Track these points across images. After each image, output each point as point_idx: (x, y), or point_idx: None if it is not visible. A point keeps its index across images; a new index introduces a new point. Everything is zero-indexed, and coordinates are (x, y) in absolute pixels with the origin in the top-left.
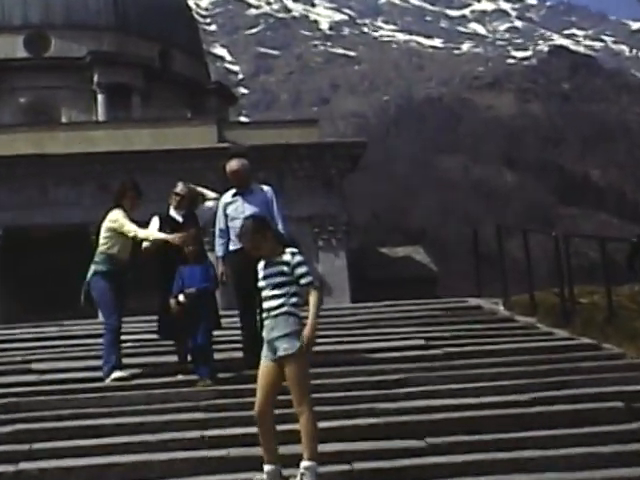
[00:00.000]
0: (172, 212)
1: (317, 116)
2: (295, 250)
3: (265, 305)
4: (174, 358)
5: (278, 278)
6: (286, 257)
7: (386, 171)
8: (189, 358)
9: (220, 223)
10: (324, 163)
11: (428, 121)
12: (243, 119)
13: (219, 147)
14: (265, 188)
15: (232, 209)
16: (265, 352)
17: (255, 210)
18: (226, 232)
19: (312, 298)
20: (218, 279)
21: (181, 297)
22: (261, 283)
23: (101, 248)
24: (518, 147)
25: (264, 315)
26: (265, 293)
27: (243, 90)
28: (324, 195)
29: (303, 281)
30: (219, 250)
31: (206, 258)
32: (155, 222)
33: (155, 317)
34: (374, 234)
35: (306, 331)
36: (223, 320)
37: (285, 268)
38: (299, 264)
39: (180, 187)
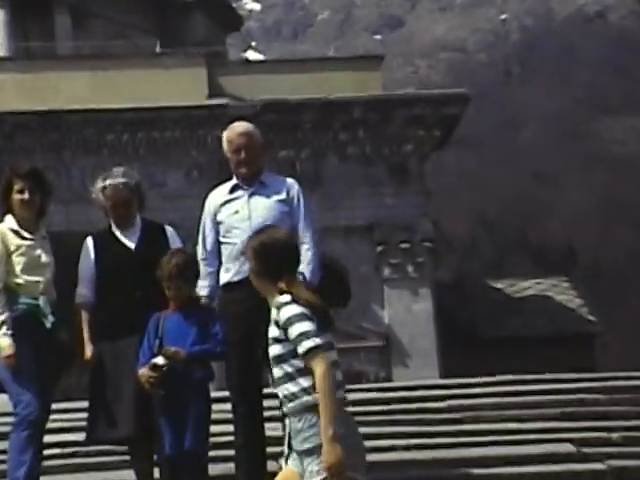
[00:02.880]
0: (114, 228)
1: (381, 49)
2: (284, 300)
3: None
4: (129, 476)
5: (273, 348)
6: (273, 313)
7: (500, 147)
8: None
9: (206, 237)
10: (393, 133)
11: (579, 56)
12: (252, 55)
13: (209, 105)
14: (288, 181)
15: (229, 213)
16: (292, 459)
17: (269, 216)
18: (216, 253)
19: (318, 381)
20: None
21: (160, 360)
22: (270, 351)
23: None
24: None
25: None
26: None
27: (252, 4)
28: (393, 190)
29: (300, 350)
30: (203, 286)
31: (202, 301)
32: (86, 260)
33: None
34: (480, 256)
35: (324, 457)
36: (214, 407)
37: (277, 332)
38: (289, 322)
39: (118, 175)
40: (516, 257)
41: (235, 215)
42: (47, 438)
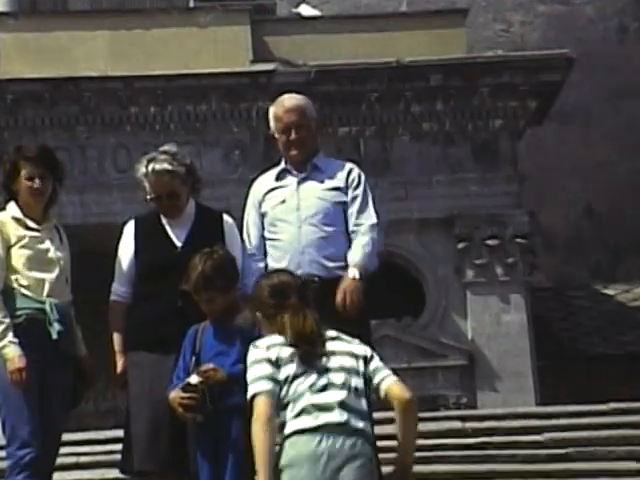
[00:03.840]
0: (163, 219)
1: (465, 2)
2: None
3: (313, 420)
4: None
5: (343, 363)
6: (346, 337)
7: (612, 121)
8: None
9: (249, 232)
10: (479, 105)
11: None
12: (306, 11)
13: (254, 71)
14: (347, 165)
15: (274, 203)
16: None
17: (321, 207)
18: (262, 250)
19: (399, 413)
20: None
21: (194, 378)
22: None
23: None
24: None
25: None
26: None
27: None
28: (479, 174)
29: (377, 378)
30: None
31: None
32: (126, 250)
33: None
34: (587, 256)
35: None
36: None
37: (353, 348)
38: (372, 355)
39: (164, 160)
40: (631, 258)
41: (281, 205)
42: (57, 477)
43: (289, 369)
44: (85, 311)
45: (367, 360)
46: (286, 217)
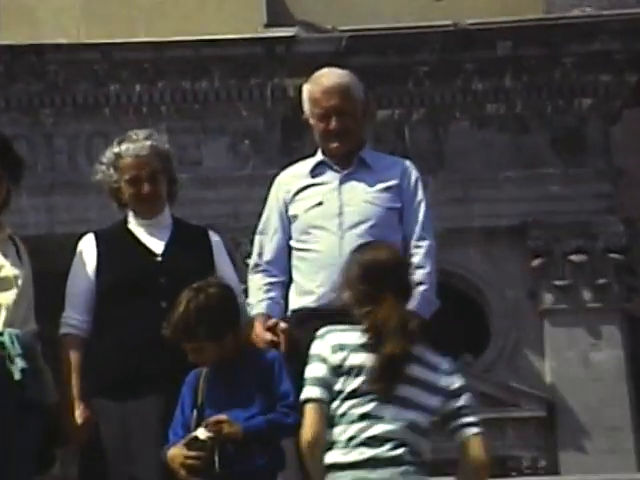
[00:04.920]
0: (132, 223)
1: None
2: (442, 362)
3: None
4: None
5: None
6: (439, 360)
7: None
8: None
9: (264, 241)
10: (561, 80)
11: None
12: None
13: (268, 38)
14: (403, 163)
15: (309, 205)
16: None
17: (370, 213)
18: (282, 264)
19: (469, 475)
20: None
21: (201, 432)
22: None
23: None
24: None
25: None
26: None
27: None
28: (561, 170)
29: (458, 422)
30: (255, 302)
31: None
32: (83, 268)
33: None
34: None
35: None
36: None
37: (436, 378)
38: (461, 390)
39: (140, 138)
40: None
41: (318, 208)
42: None
43: (350, 383)
44: (53, 346)
45: (451, 395)
46: (324, 224)
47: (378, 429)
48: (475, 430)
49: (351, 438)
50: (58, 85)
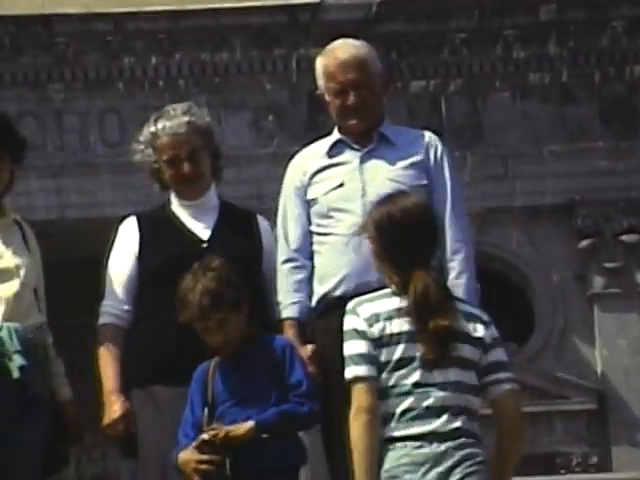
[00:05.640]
0: (175, 206)
1: None
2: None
3: (413, 429)
4: None
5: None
6: (474, 310)
7: None
8: None
9: (288, 226)
10: (610, 46)
11: None
12: None
13: (292, 5)
14: (427, 136)
15: (329, 187)
16: None
17: (393, 187)
18: (307, 251)
19: (502, 434)
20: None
21: (205, 436)
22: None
23: None
24: None
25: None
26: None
27: None
28: (610, 144)
29: (490, 378)
30: (287, 303)
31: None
32: (124, 254)
33: None
34: None
35: None
36: None
37: (476, 329)
38: (495, 342)
39: (179, 114)
40: None
41: (338, 190)
42: None
43: (394, 352)
44: (66, 339)
45: (486, 347)
46: (346, 206)
47: (431, 398)
48: (507, 387)
49: (405, 411)
50: (67, 58)
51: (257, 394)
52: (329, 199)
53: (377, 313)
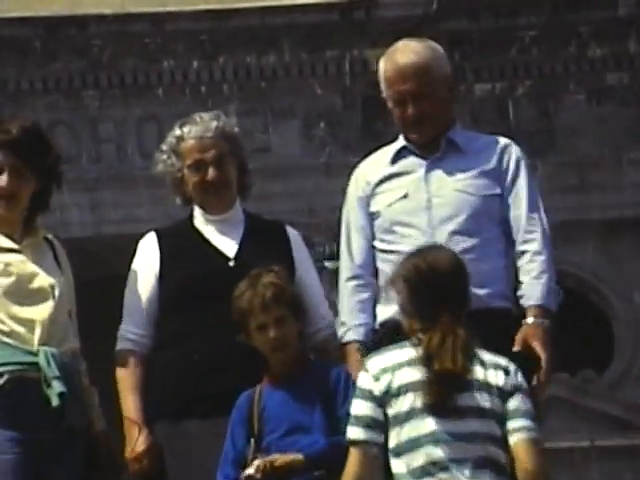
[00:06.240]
0: (199, 220)
1: None
2: (504, 362)
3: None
4: None
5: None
6: (498, 359)
7: None
8: None
9: (351, 241)
10: None
11: None
12: None
13: (345, 3)
14: (501, 142)
15: (392, 199)
16: None
17: (464, 203)
18: (371, 268)
19: None
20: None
21: (253, 470)
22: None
23: None
24: None
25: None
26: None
27: None
28: None
29: (509, 425)
30: (351, 325)
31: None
32: (143, 275)
33: None
34: None
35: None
36: None
37: (494, 377)
38: (516, 390)
39: (205, 120)
40: None
41: (403, 202)
42: None
43: (403, 403)
44: (101, 366)
45: (506, 396)
46: (410, 219)
47: (448, 450)
48: (524, 436)
49: (422, 467)
50: (103, 62)
51: (309, 424)
52: (392, 212)
53: (385, 367)
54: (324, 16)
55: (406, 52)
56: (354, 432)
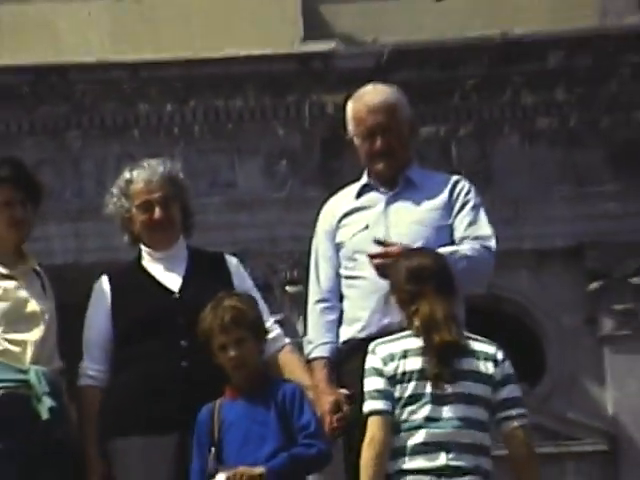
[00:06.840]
0: (146, 259)
1: None
2: (493, 350)
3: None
4: None
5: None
6: (487, 348)
7: None
8: None
9: (319, 269)
10: (617, 91)
11: None
12: None
13: (305, 53)
14: (453, 179)
15: (355, 230)
16: None
17: (419, 234)
18: (337, 293)
19: (516, 470)
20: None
21: (221, 478)
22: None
23: None
24: None
25: None
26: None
27: None
28: (619, 187)
29: (502, 414)
30: (316, 343)
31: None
32: (97, 314)
33: None
34: None
35: None
36: None
37: (487, 367)
38: (507, 379)
39: (152, 165)
40: None
41: (364, 233)
42: None
43: (406, 389)
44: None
45: (497, 384)
46: (370, 248)
47: (438, 434)
48: (516, 423)
49: (414, 445)
50: (85, 106)
51: (266, 435)
52: (354, 242)
53: (392, 353)
54: (285, 65)
55: (376, 94)
56: (373, 404)
